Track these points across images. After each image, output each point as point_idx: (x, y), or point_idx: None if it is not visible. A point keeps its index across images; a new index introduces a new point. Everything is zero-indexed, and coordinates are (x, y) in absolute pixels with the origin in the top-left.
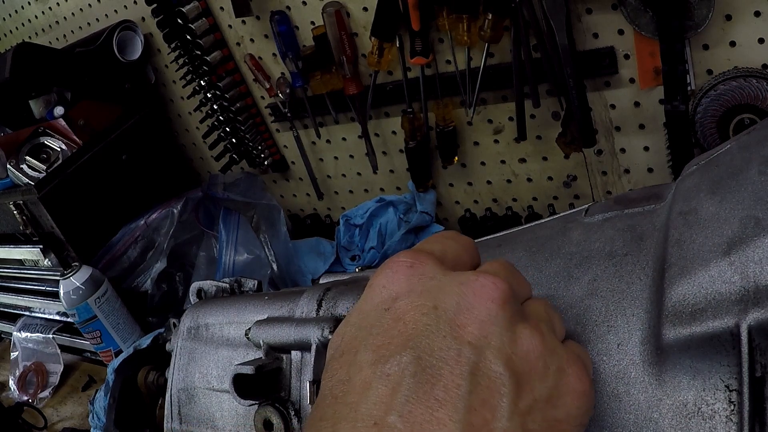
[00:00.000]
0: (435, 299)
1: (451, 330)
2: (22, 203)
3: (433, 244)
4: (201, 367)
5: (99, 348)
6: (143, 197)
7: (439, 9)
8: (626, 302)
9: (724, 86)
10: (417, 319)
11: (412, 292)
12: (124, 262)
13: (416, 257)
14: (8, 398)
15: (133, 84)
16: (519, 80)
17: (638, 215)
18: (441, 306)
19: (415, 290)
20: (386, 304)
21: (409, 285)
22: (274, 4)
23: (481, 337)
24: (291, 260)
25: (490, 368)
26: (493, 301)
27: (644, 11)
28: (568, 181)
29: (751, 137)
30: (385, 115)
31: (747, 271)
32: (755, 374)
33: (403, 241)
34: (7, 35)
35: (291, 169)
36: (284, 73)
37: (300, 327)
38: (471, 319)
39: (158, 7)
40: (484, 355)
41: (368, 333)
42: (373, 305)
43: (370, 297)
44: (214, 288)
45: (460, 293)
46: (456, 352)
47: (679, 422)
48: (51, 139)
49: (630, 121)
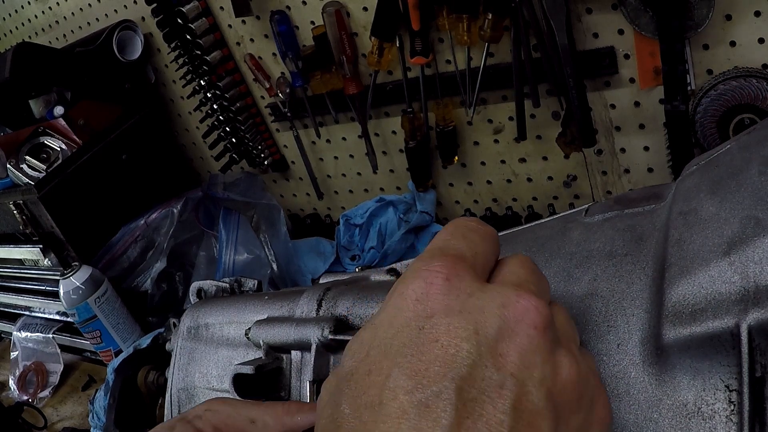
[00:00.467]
0: (476, 322)
1: (492, 359)
2: (22, 203)
3: (461, 242)
4: (201, 367)
5: (99, 348)
6: (143, 197)
7: (439, 9)
8: (626, 302)
9: (724, 86)
10: (457, 344)
11: (451, 311)
12: (124, 262)
13: (453, 269)
14: (8, 398)
15: (133, 84)
16: (519, 80)
17: (638, 215)
18: (482, 331)
19: (454, 309)
20: (420, 322)
21: (446, 302)
22: (274, 4)
23: (523, 367)
24: (291, 260)
25: (533, 402)
26: (535, 328)
27: (644, 11)
28: (568, 181)
29: (751, 137)
30: (385, 115)
31: (747, 271)
32: (755, 374)
33: (403, 241)
34: (7, 35)
35: (291, 169)
36: (284, 73)
37: (300, 327)
38: (513, 348)
39: (158, 7)
40: (526, 388)
41: (401, 354)
42: (405, 320)
43: (401, 309)
44: (214, 288)
45: (501, 317)
46: (498, 383)
47: (679, 422)
48: (51, 138)
49: (630, 121)
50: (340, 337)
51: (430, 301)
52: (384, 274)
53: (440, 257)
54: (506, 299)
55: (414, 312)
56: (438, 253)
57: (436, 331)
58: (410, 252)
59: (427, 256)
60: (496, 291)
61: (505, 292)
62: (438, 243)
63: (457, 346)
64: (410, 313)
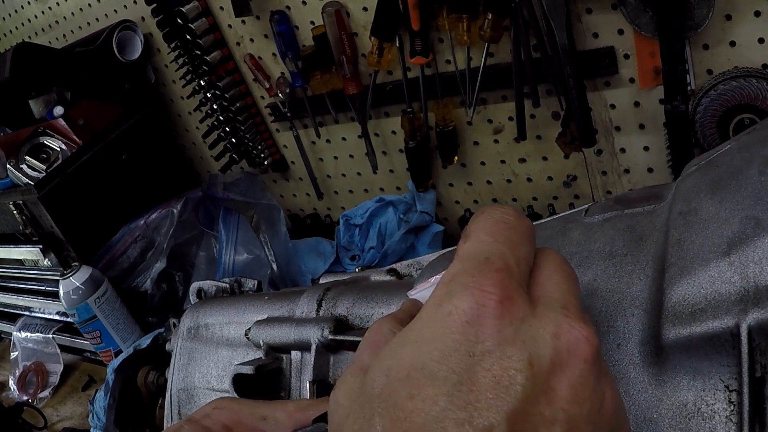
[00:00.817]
0: (530, 352)
1: (545, 394)
2: (22, 203)
3: (505, 247)
4: (201, 367)
5: (99, 348)
6: (143, 197)
7: (439, 9)
8: (626, 302)
9: (724, 86)
10: (510, 375)
11: (504, 339)
12: (124, 262)
13: (505, 289)
14: (8, 398)
15: (132, 84)
16: (519, 80)
17: (638, 215)
18: (536, 362)
19: (507, 337)
20: (471, 347)
21: (499, 328)
22: (274, 4)
23: (574, 402)
24: (291, 260)
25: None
26: (585, 361)
27: (644, 11)
28: (568, 181)
29: (751, 137)
30: (385, 115)
31: (747, 272)
32: (755, 374)
33: (403, 241)
34: (7, 35)
35: (291, 169)
36: (284, 73)
37: (300, 327)
38: (565, 381)
39: (158, 7)
40: (575, 422)
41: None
42: (454, 344)
43: (449, 330)
44: (214, 288)
45: (553, 347)
46: (550, 419)
47: (678, 422)
48: (51, 139)
49: (630, 121)
50: (340, 338)
51: (482, 326)
52: (384, 274)
53: (489, 273)
54: (559, 328)
55: (464, 336)
56: (485, 265)
57: (489, 359)
58: (410, 252)
59: (473, 268)
60: (548, 317)
61: (557, 320)
62: (482, 248)
63: (511, 378)
64: (460, 336)
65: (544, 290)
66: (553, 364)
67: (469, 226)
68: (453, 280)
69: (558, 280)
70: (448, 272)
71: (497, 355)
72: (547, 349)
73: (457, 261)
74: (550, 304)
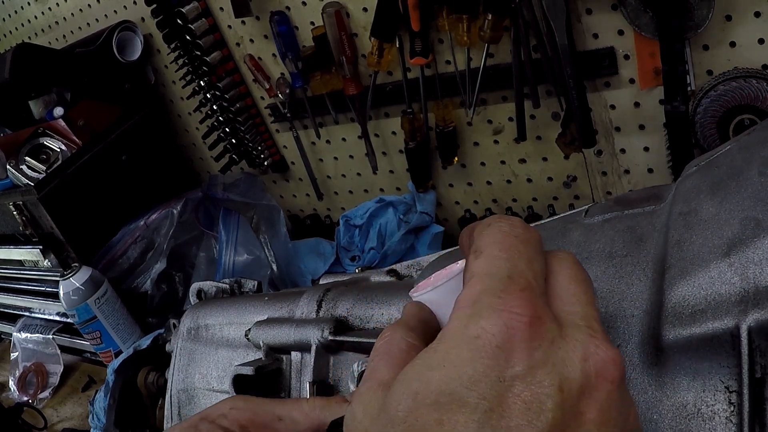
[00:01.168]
0: (560, 377)
1: (575, 418)
2: (22, 204)
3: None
4: (201, 368)
5: (99, 348)
6: (143, 197)
7: (439, 9)
8: (626, 303)
9: (724, 87)
10: (541, 401)
11: (535, 363)
12: (123, 263)
13: (533, 310)
14: (8, 399)
15: (132, 84)
16: (519, 80)
17: (638, 216)
18: (566, 386)
19: (537, 362)
20: (501, 372)
21: (529, 352)
22: (274, 5)
23: (602, 424)
24: (291, 261)
25: None
26: (612, 383)
27: (644, 11)
28: (568, 181)
29: (752, 138)
30: (384, 116)
31: (747, 273)
32: (755, 375)
33: (403, 242)
34: (7, 35)
35: (291, 170)
36: (284, 74)
37: (300, 328)
38: (593, 404)
39: (158, 8)
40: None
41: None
42: (484, 369)
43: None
44: (214, 289)
45: (583, 371)
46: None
47: (678, 423)
48: (51, 139)
49: (630, 121)
50: (340, 338)
51: (512, 350)
52: (384, 274)
53: (515, 293)
54: (586, 350)
55: (494, 360)
56: (509, 284)
57: (519, 384)
58: (410, 253)
59: (497, 288)
60: (576, 339)
61: (584, 342)
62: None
63: (541, 403)
64: (490, 361)
65: (564, 304)
66: (582, 388)
67: (478, 240)
68: (478, 300)
69: (576, 291)
70: (469, 291)
71: (528, 380)
72: (576, 372)
73: (476, 280)
74: (574, 322)
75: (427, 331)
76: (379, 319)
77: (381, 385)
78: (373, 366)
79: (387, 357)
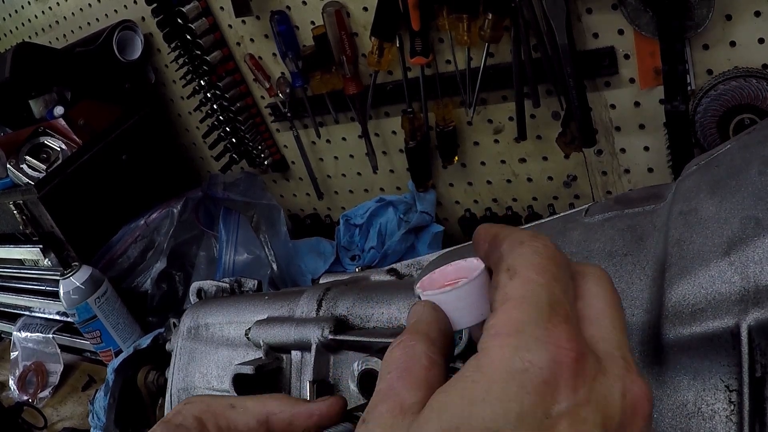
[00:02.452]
0: (603, 414)
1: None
2: (22, 203)
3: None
4: (201, 367)
5: (99, 348)
6: (143, 197)
7: (439, 9)
8: (626, 302)
9: (724, 86)
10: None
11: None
12: (124, 262)
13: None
14: (8, 398)
15: (133, 84)
16: (519, 80)
17: (638, 215)
18: (608, 423)
19: (582, 399)
20: (548, 410)
21: (574, 388)
22: (274, 4)
23: None
24: (291, 260)
25: None
26: (644, 419)
27: (644, 11)
28: (568, 181)
29: (752, 137)
30: (385, 115)
31: (747, 271)
32: (755, 374)
33: (403, 241)
34: (7, 35)
35: (291, 169)
36: (284, 73)
37: (300, 327)
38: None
39: (158, 7)
40: None
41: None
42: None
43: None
44: (214, 288)
45: (622, 408)
46: None
47: (679, 422)
48: (51, 139)
49: (630, 121)
50: (340, 338)
51: (559, 386)
52: (384, 274)
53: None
54: (624, 386)
55: (541, 396)
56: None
57: (564, 422)
58: (410, 252)
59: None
60: (614, 375)
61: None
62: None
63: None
64: (536, 397)
65: (599, 330)
66: (621, 425)
67: (510, 258)
68: (522, 331)
69: (613, 316)
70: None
71: (573, 417)
72: (616, 410)
73: (513, 304)
74: (611, 353)
75: (447, 343)
76: (379, 318)
77: (403, 411)
78: (391, 384)
79: (407, 375)
